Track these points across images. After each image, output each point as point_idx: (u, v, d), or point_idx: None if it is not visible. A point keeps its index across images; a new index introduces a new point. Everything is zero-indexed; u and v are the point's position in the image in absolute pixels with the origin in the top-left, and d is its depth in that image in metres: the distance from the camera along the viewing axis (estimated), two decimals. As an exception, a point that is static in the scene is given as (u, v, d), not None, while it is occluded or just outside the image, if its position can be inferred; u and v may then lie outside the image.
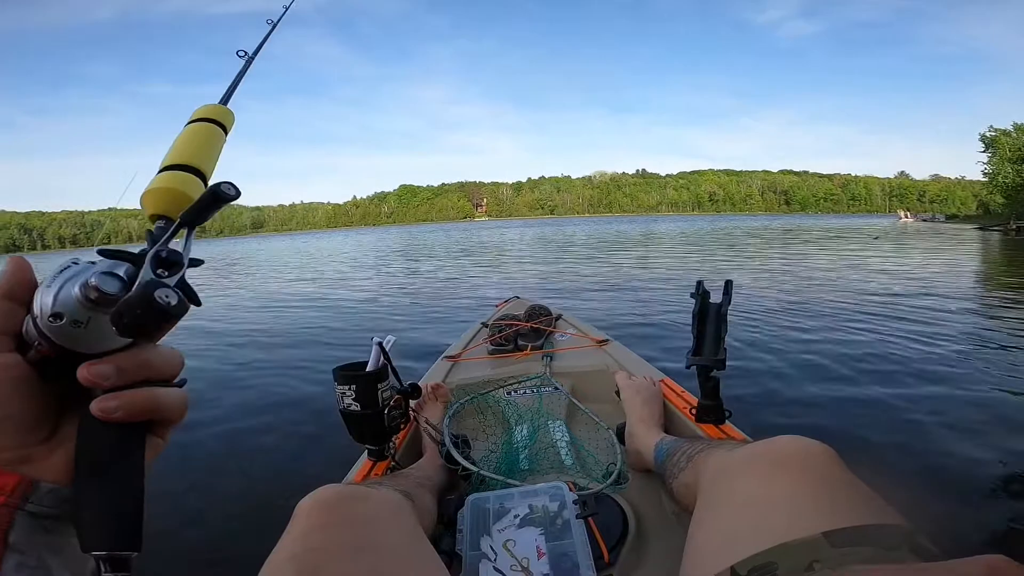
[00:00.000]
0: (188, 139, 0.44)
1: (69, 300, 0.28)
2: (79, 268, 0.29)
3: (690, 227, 33.82)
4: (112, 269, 0.29)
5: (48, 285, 0.28)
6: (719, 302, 1.00)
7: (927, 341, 3.56)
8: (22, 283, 0.30)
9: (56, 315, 0.28)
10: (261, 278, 11.55)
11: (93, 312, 0.28)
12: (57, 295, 0.28)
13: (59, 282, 0.28)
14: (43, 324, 0.28)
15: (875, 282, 6.68)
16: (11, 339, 0.29)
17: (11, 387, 0.29)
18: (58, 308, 0.28)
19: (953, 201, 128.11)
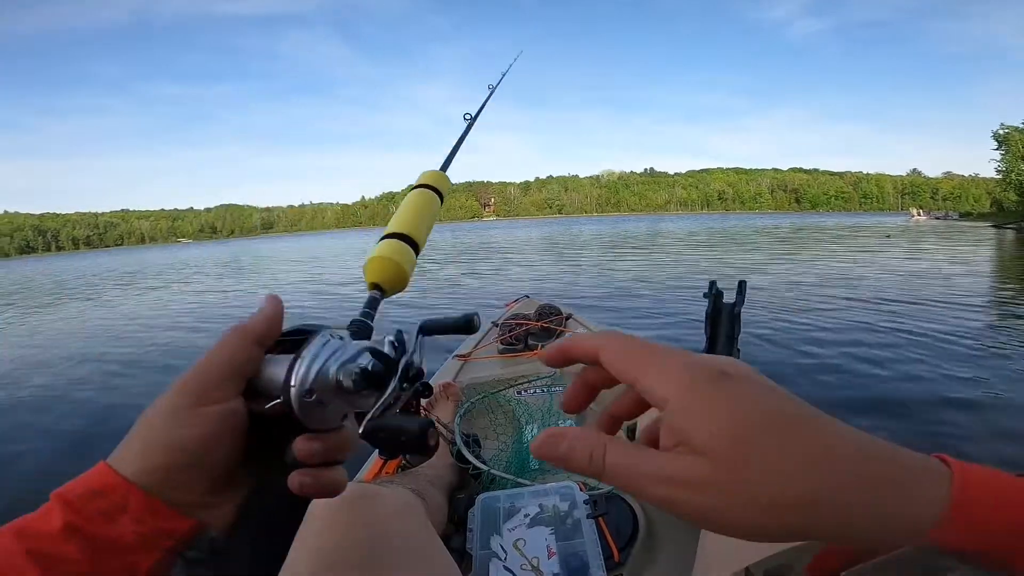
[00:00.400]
0: (408, 208, 0.49)
1: (326, 382, 0.29)
2: (337, 347, 0.30)
3: (699, 226, 33.62)
4: (364, 361, 0.30)
5: (313, 358, 0.29)
6: (732, 302, 0.99)
7: (946, 342, 3.52)
8: (273, 329, 0.31)
9: (310, 391, 0.29)
10: (271, 277, 11.64)
11: (335, 397, 0.29)
12: (317, 374, 0.29)
13: (320, 360, 0.29)
14: (296, 395, 0.29)
15: (889, 282, 6.61)
16: (243, 383, 0.30)
17: (227, 434, 0.29)
18: (314, 386, 0.29)
19: (967, 199, 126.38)
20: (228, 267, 17.42)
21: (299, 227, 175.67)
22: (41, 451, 2.57)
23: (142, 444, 0.28)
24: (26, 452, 2.56)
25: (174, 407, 0.28)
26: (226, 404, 0.29)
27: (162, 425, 0.28)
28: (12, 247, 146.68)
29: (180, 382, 0.29)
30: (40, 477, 2.25)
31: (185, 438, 0.28)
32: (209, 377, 0.29)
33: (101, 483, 0.27)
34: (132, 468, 0.27)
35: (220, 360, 0.30)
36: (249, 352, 0.30)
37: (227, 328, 0.31)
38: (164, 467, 0.28)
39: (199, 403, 0.28)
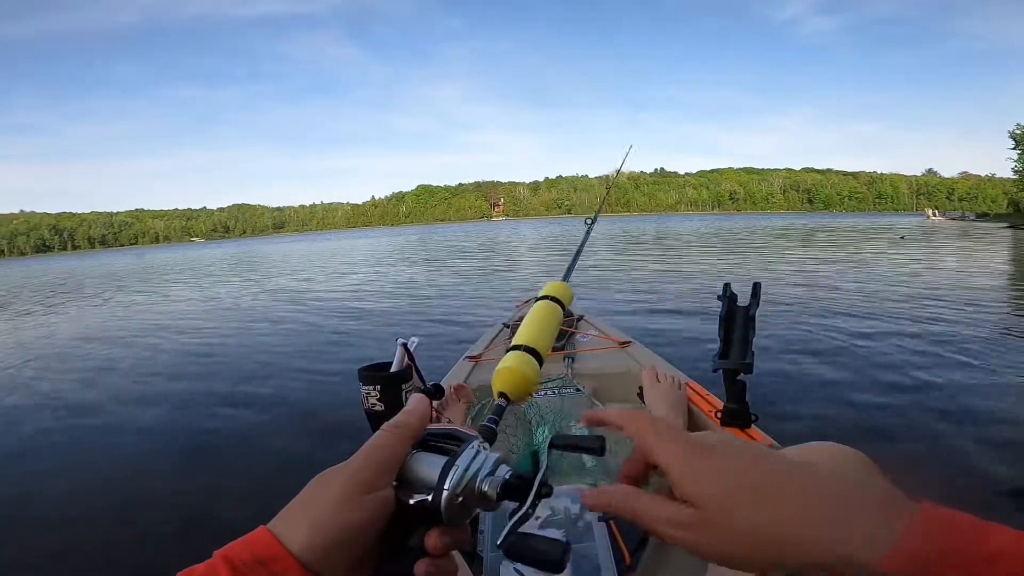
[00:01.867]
0: (533, 321, 0.55)
1: (471, 490, 0.33)
2: (484, 459, 0.35)
3: (710, 227, 33.38)
4: (502, 472, 0.35)
5: (465, 468, 0.34)
6: (746, 304, 0.98)
7: (963, 346, 3.46)
8: (423, 429, 0.36)
9: (457, 496, 0.32)
10: (281, 279, 11.73)
11: (474, 502, 0.34)
12: (467, 484, 0.33)
13: (472, 470, 0.34)
14: (445, 498, 0.32)
15: (905, 284, 6.52)
16: (395, 473, 0.34)
17: (379, 520, 0.32)
18: (462, 493, 0.33)
19: (983, 199, 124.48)
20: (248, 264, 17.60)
21: (310, 227, 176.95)
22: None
23: (312, 521, 0.31)
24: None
25: (347, 492, 0.31)
26: (384, 492, 0.32)
27: (331, 508, 0.31)
28: (29, 246, 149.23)
29: (353, 468, 0.32)
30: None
31: (354, 521, 0.31)
32: (373, 468, 0.33)
33: (265, 552, 0.29)
34: (299, 542, 0.30)
35: (382, 453, 0.33)
36: (404, 449, 0.34)
37: (385, 424, 0.35)
38: (327, 546, 0.30)
39: (365, 491, 0.32)
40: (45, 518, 1.93)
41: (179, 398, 3.25)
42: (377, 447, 0.34)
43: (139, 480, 2.20)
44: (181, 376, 3.79)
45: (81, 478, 2.25)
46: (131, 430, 2.78)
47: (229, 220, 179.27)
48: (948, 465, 1.92)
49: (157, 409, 3.07)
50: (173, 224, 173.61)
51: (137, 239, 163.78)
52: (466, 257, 14.84)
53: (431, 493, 0.33)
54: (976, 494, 1.73)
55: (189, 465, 2.31)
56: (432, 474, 0.33)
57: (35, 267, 35.67)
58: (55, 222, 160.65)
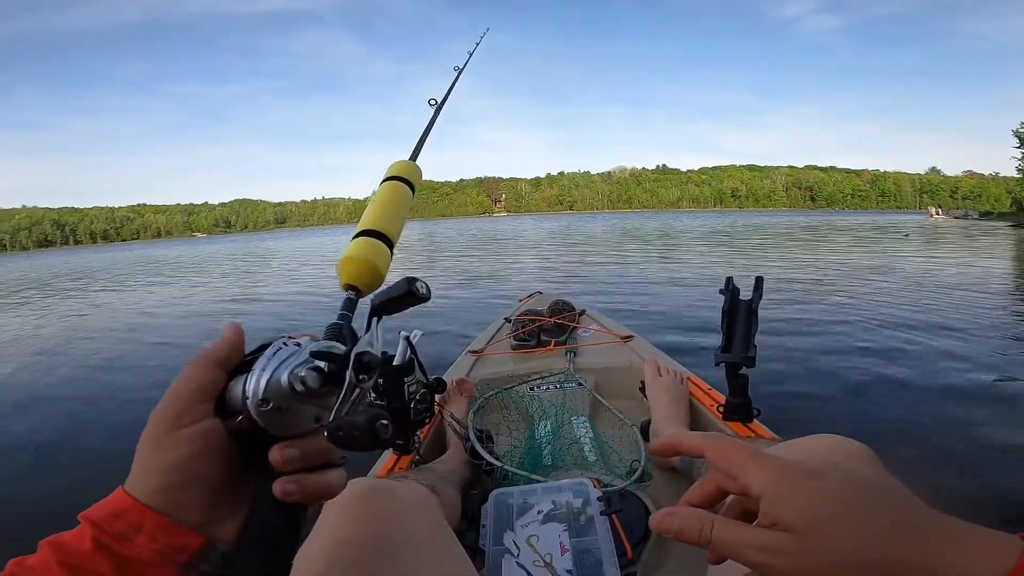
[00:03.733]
0: (379, 203, 0.48)
1: (278, 388, 0.31)
2: (288, 352, 0.32)
3: (712, 223, 33.31)
4: (316, 363, 0.31)
5: (262, 369, 0.31)
6: (749, 299, 0.98)
7: (969, 344, 3.44)
8: (234, 352, 0.34)
9: (264, 400, 0.30)
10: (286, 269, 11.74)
11: (295, 401, 0.31)
12: (268, 382, 0.31)
13: (271, 368, 0.31)
14: (252, 405, 0.31)
15: (909, 281, 6.50)
16: (213, 404, 0.32)
17: (209, 452, 0.31)
18: (267, 395, 0.30)
19: (987, 198, 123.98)
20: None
21: (311, 222, 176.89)
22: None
23: (140, 469, 0.31)
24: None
25: (154, 434, 0.31)
26: (199, 424, 0.31)
27: (149, 451, 0.31)
28: (30, 240, 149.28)
29: (155, 411, 0.32)
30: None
31: (174, 459, 0.30)
32: (179, 403, 0.31)
33: (118, 506, 0.30)
34: (140, 490, 0.30)
35: (186, 386, 0.32)
36: (211, 374, 0.32)
37: (191, 359, 0.33)
38: (162, 487, 0.30)
39: (174, 427, 0.31)
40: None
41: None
42: (179, 381, 0.32)
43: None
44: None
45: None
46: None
47: (231, 215, 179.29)
48: (951, 462, 1.91)
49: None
50: (175, 219, 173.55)
51: (139, 234, 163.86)
52: (468, 252, 14.84)
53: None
54: (986, 486, 1.73)
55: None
56: (240, 391, 0.32)
57: (56, 259, 35.66)
58: (57, 217, 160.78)
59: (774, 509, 0.29)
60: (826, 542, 0.27)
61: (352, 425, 0.30)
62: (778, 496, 0.29)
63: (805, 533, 0.28)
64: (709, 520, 0.31)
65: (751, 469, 0.31)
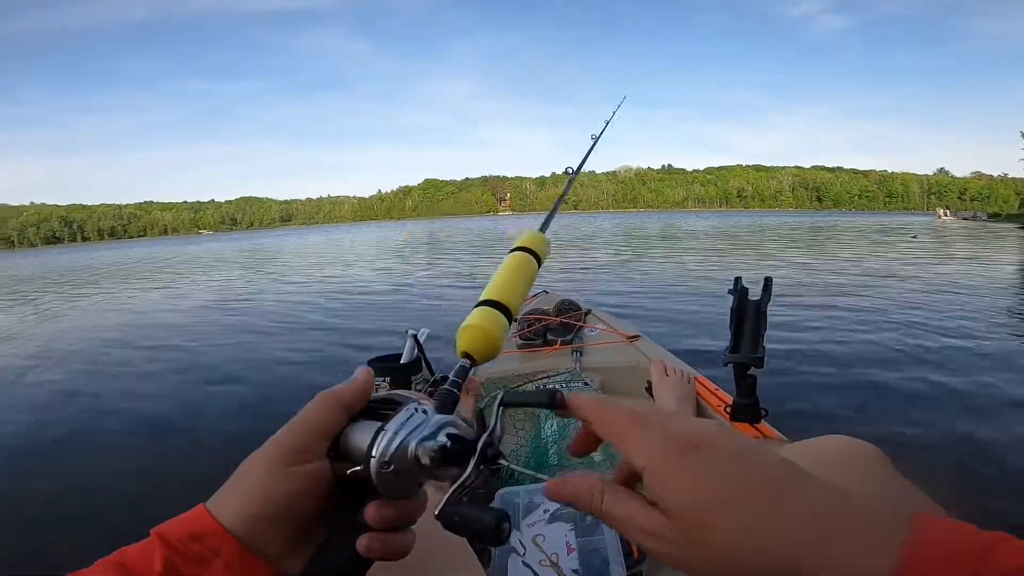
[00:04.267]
0: (504, 274, 0.50)
1: (403, 455, 0.31)
2: (419, 421, 0.33)
3: (718, 223, 33.17)
4: (442, 439, 0.32)
5: (395, 433, 0.32)
6: (758, 299, 0.97)
7: (982, 345, 3.42)
8: (362, 398, 0.34)
9: (387, 463, 0.31)
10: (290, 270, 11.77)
11: (413, 470, 0.31)
12: (397, 449, 0.31)
13: (402, 435, 0.32)
14: (375, 464, 0.31)
15: (919, 282, 6.45)
16: (329, 444, 0.33)
17: (312, 492, 0.31)
18: (393, 459, 0.31)
19: (995, 199, 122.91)
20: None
21: (316, 220, 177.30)
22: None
23: (239, 495, 0.31)
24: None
25: (269, 464, 0.31)
26: (313, 464, 0.31)
27: (258, 480, 0.31)
28: (38, 237, 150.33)
29: (275, 442, 0.32)
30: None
31: (278, 493, 0.30)
32: (300, 439, 0.32)
33: (199, 527, 0.30)
34: (228, 516, 0.30)
35: (310, 423, 0.32)
36: (336, 418, 0.33)
37: (319, 392, 0.34)
38: (257, 518, 0.30)
39: (291, 462, 0.31)
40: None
41: (177, 391, 3.24)
42: (304, 417, 0.33)
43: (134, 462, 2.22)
44: (182, 368, 3.79)
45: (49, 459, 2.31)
46: (125, 420, 2.80)
47: (236, 213, 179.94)
48: (964, 463, 1.90)
49: (151, 402, 3.08)
50: (181, 216, 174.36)
51: (146, 231, 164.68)
52: (473, 250, 14.83)
53: (363, 463, 0.32)
54: (998, 487, 1.72)
55: (191, 458, 2.31)
56: (364, 441, 0.32)
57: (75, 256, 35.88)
58: (65, 214, 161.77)
59: (654, 487, 0.26)
60: (703, 531, 0.24)
61: (476, 520, 0.30)
62: (658, 472, 0.26)
63: (682, 518, 0.24)
64: (600, 489, 0.28)
65: (632, 439, 0.28)
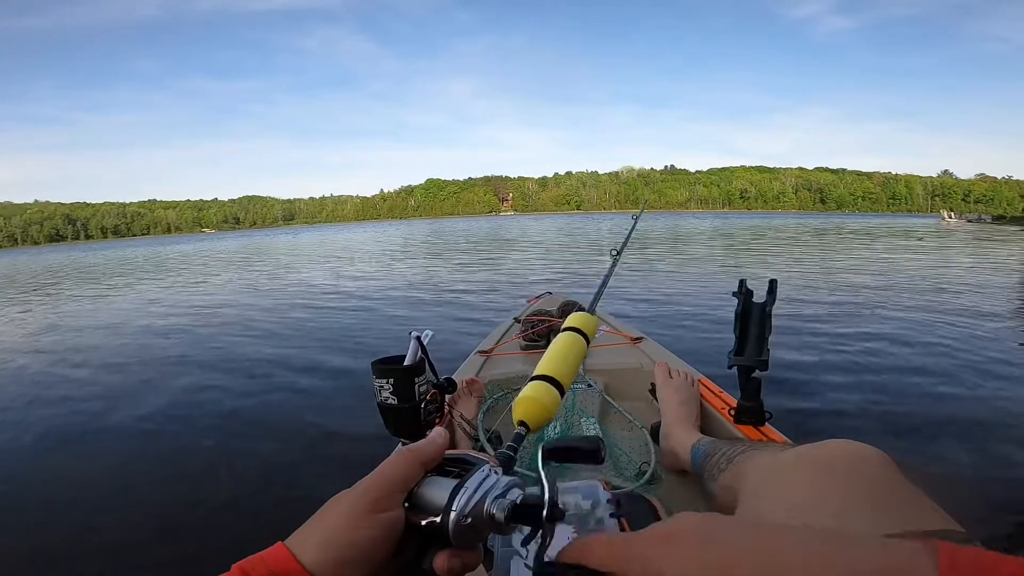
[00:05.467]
0: (557, 352, 0.57)
1: (479, 511, 0.35)
2: (493, 481, 0.36)
3: (721, 224, 33.10)
4: (513, 496, 0.36)
5: (474, 490, 0.35)
6: (763, 301, 0.97)
7: (992, 347, 3.41)
8: (438, 457, 0.38)
9: (466, 517, 0.34)
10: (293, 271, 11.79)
11: (486, 525, 0.35)
12: (475, 507, 0.35)
13: (480, 492, 0.35)
14: (454, 516, 0.34)
15: (927, 285, 6.42)
16: (405, 495, 0.36)
17: (389, 539, 0.34)
18: (469, 515, 0.34)
19: (1000, 201, 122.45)
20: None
21: (319, 219, 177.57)
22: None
23: (322, 537, 0.33)
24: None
25: (355, 510, 0.33)
26: (392, 512, 0.34)
27: (343, 524, 0.33)
28: (42, 235, 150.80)
29: (362, 489, 0.35)
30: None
31: (361, 539, 0.33)
32: (384, 488, 0.35)
33: (279, 566, 0.31)
34: (310, 557, 0.32)
35: (393, 475, 0.36)
36: (415, 473, 0.36)
37: (400, 448, 0.38)
38: (338, 562, 0.32)
39: (375, 509, 0.34)
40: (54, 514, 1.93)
41: (179, 396, 3.22)
42: (388, 469, 0.36)
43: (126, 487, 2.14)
44: (182, 372, 3.77)
45: (97, 475, 2.25)
46: (122, 431, 2.79)
47: (239, 211, 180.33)
48: (974, 469, 1.89)
49: (152, 408, 3.08)
50: (185, 215, 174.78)
51: (149, 229, 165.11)
52: (476, 251, 14.84)
53: (440, 515, 0.34)
54: (1005, 493, 1.71)
55: (190, 472, 2.27)
56: (442, 496, 0.35)
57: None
58: (69, 212, 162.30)
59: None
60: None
61: (544, 569, 0.34)
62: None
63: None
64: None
65: (617, 563, 0.30)
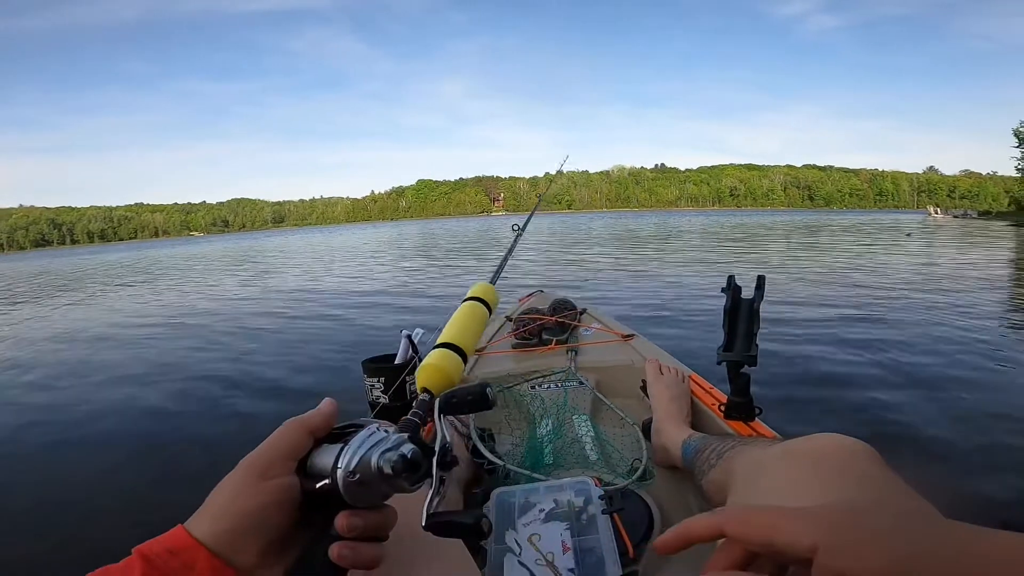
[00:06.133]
0: (458, 320, 0.58)
1: (367, 466, 0.35)
2: (379, 437, 0.37)
3: (712, 222, 33.31)
4: (403, 448, 0.36)
5: (358, 446, 0.36)
6: (751, 297, 0.97)
7: (977, 342, 3.44)
8: (326, 425, 0.39)
9: (353, 472, 0.35)
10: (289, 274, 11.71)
11: (376, 480, 0.35)
12: (361, 459, 0.35)
13: (365, 447, 0.36)
14: (341, 474, 0.35)
15: (915, 280, 6.48)
16: (296, 464, 0.37)
17: (282, 505, 0.35)
18: (357, 469, 0.35)
19: (984, 197, 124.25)
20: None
21: (309, 221, 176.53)
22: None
23: (214, 510, 0.34)
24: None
25: (244, 480, 0.34)
26: (281, 479, 0.35)
27: (230, 496, 0.34)
28: (27, 240, 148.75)
29: (247, 461, 0.36)
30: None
31: (252, 507, 0.33)
32: (269, 457, 0.36)
33: (176, 543, 0.32)
34: (202, 531, 0.33)
35: (279, 444, 0.36)
36: (302, 439, 0.37)
37: (287, 420, 0.38)
38: (229, 531, 0.33)
39: (263, 477, 0.34)
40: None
41: (170, 392, 3.19)
42: (274, 437, 0.37)
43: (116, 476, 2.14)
44: (174, 370, 3.73)
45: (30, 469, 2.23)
46: (114, 423, 2.76)
47: (228, 214, 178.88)
48: (955, 459, 1.91)
49: (140, 405, 3.05)
50: (172, 218, 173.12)
51: (136, 233, 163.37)
52: (467, 250, 14.82)
53: (330, 477, 0.35)
54: (991, 486, 1.73)
55: (169, 465, 2.23)
56: (331, 460, 0.36)
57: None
58: (54, 216, 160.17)
59: (836, 560, 0.26)
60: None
61: (459, 524, 0.36)
62: (840, 546, 0.26)
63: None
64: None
65: (790, 525, 0.28)
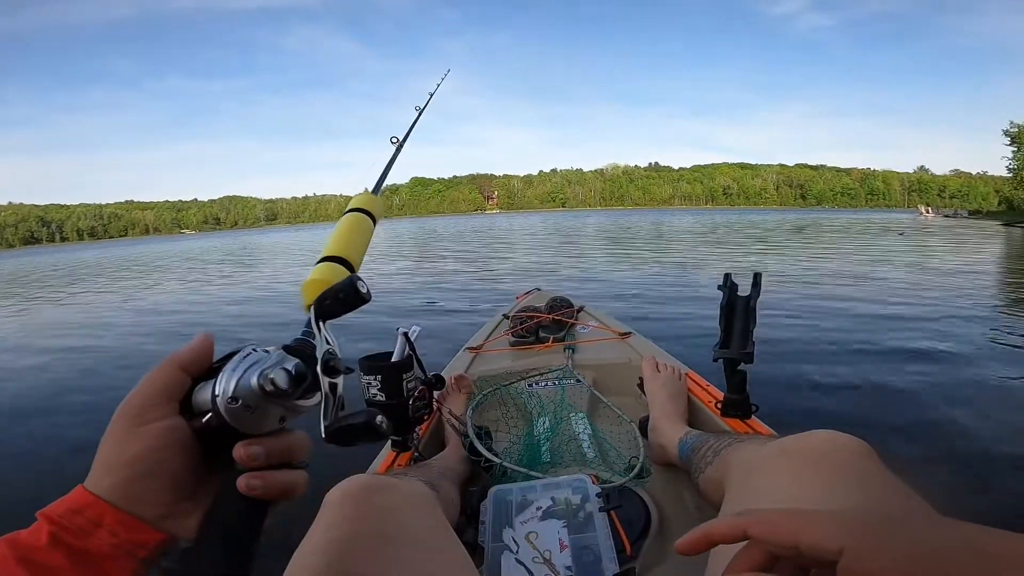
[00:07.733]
0: (342, 232, 0.55)
1: (247, 388, 0.32)
2: (257, 357, 0.34)
3: (706, 221, 33.44)
4: (284, 363, 0.33)
5: (233, 370, 0.33)
6: (747, 295, 0.98)
7: (968, 336, 3.47)
8: (200, 359, 0.35)
9: (234, 398, 0.32)
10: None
11: (263, 401, 0.33)
12: (239, 382, 0.32)
13: (241, 369, 0.33)
14: (221, 403, 0.32)
15: (907, 277, 6.54)
16: (177, 405, 0.34)
17: (172, 447, 0.33)
18: (237, 393, 0.32)
19: (975, 197, 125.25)
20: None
21: (302, 219, 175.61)
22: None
23: (101, 466, 0.32)
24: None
25: (117, 431, 0.32)
26: (163, 422, 0.33)
27: (111, 448, 0.32)
28: (16, 238, 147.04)
29: (119, 410, 0.33)
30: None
31: (137, 453, 0.32)
32: (142, 401, 0.33)
33: (78, 502, 0.31)
34: (101, 487, 0.32)
35: (150, 386, 0.34)
36: (175, 376, 0.34)
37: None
38: (124, 482, 0.32)
39: (138, 423, 0.32)
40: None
41: (75, 368, 3.27)
42: (146, 380, 0.34)
43: None
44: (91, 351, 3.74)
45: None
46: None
47: (220, 212, 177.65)
48: (950, 456, 1.92)
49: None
50: (163, 216, 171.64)
51: (127, 231, 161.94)
52: (463, 248, 14.80)
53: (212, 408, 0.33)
54: (985, 482, 1.75)
55: None
56: (210, 391, 0.33)
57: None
58: (43, 214, 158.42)
59: (862, 563, 0.26)
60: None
61: (351, 427, 0.33)
62: (865, 550, 0.26)
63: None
64: None
65: (815, 528, 0.28)
